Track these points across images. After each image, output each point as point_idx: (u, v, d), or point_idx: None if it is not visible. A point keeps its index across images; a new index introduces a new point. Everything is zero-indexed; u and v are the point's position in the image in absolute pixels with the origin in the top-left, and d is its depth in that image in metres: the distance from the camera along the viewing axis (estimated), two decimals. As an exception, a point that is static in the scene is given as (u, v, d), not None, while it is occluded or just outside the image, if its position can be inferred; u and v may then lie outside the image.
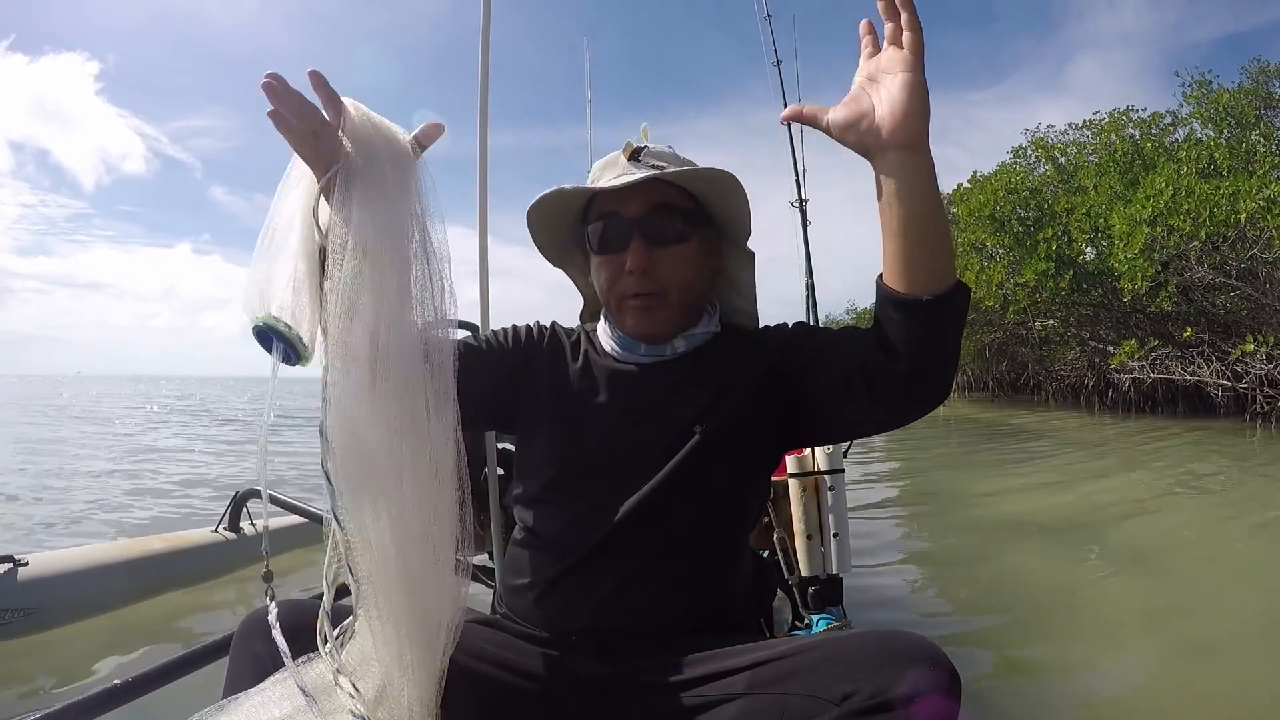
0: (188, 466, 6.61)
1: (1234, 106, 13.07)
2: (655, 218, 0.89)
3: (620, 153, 0.93)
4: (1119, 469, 6.27)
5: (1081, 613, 2.42)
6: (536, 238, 0.98)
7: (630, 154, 0.92)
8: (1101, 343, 15.55)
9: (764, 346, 0.94)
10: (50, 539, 3.50)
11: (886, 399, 0.80)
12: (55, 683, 1.87)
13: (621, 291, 0.90)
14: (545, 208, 0.93)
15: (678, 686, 0.74)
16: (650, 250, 0.89)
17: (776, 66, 3.30)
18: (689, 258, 0.92)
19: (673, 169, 0.90)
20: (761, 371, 0.90)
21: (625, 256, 0.89)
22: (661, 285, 0.90)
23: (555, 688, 0.79)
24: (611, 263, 0.91)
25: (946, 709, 0.62)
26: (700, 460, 0.86)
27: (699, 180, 0.91)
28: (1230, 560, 3.18)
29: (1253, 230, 10.28)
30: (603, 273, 0.92)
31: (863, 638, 0.68)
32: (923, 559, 3.26)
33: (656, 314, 0.91)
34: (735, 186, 0.91)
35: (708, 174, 0.89)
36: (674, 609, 0.84)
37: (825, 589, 1.73)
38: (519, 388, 0.94)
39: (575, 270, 1.05)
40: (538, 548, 0.90)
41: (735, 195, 0.93)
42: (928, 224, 0.73)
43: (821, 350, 0.88)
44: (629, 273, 0.89)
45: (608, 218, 0.91)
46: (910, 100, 0.71)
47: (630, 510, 0.84)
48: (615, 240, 0.90)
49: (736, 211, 0.95)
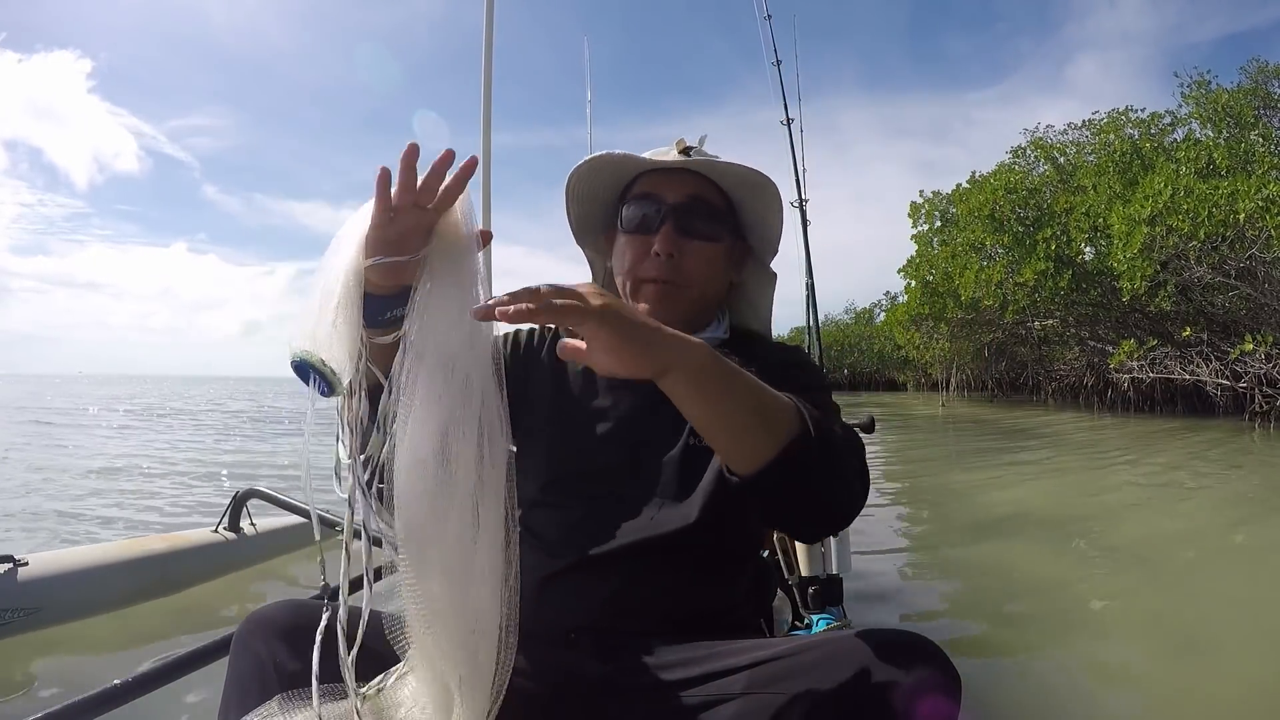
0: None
1: (1233, 107, 13.10)
2: (692, 209, 0.90)
3: (672, 146, 0.94)
4: (1118, 468, 6.28)
5: (1081, 612, 2.42)
6: (571, 207, 0.98)
7: (682, 149, 0.92)
8: (1100, 342, 15.57)
9: (767, 365, 0.93)
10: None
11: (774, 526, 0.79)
12: (55, 683, 1.87)
13: (643, 274, 0.90)
14: (586, 177, 0.94)
15: (677, 686, 0.74)
16: (679, 239, 0.89)
17: (776, 66, 3.32)
18: (714, 258, 0.93)
19: (717, 160, 0.91)
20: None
21: (654, 239, 0.89)
22: (683, 277, 0.90)
23: (554, 687, 0.79)
24: (639, 243, 0.91)
25: (946, 709, 0.62)
26: (700, 463, 0.86)
27: (746, 183, 0.92)
28: (1230, 560, 3.18)
29: (1251, 230, 10.30)
30: (628, 252, 0.92)
31: (863, 638, 0.68)
32: (923, 559, 3.26)
33: (672, 304, 0.91)
34: (776, 197, 0.93)
35: (756, 177, 0.90)
36: (673, 609, 0.84)
37: (825, 589, 1.74)
38: (521, 396, 0.95)
39: (594, 251, 1.05)
40: (537, 548, 0.90)
41: (774, 206, 0.94)
42: (711, 427, 0.66)
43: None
44: (655, 255, 0.89)
45: (646, 198, 0.91)
46: (607, 359, 0.60)
47: (630, 512, 0.84)
48: (648, 221, 0.90)
49: (770, 223, 0.96)
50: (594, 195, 0.97)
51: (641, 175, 0.93)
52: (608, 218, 0.99)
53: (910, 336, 20.28)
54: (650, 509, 0.84)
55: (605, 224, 1.00)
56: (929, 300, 17.46)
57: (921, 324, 18.97)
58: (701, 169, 0.91)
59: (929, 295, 17.42)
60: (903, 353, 24.19)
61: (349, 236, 0.71)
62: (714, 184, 0.92)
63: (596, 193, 0.97)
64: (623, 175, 0.95)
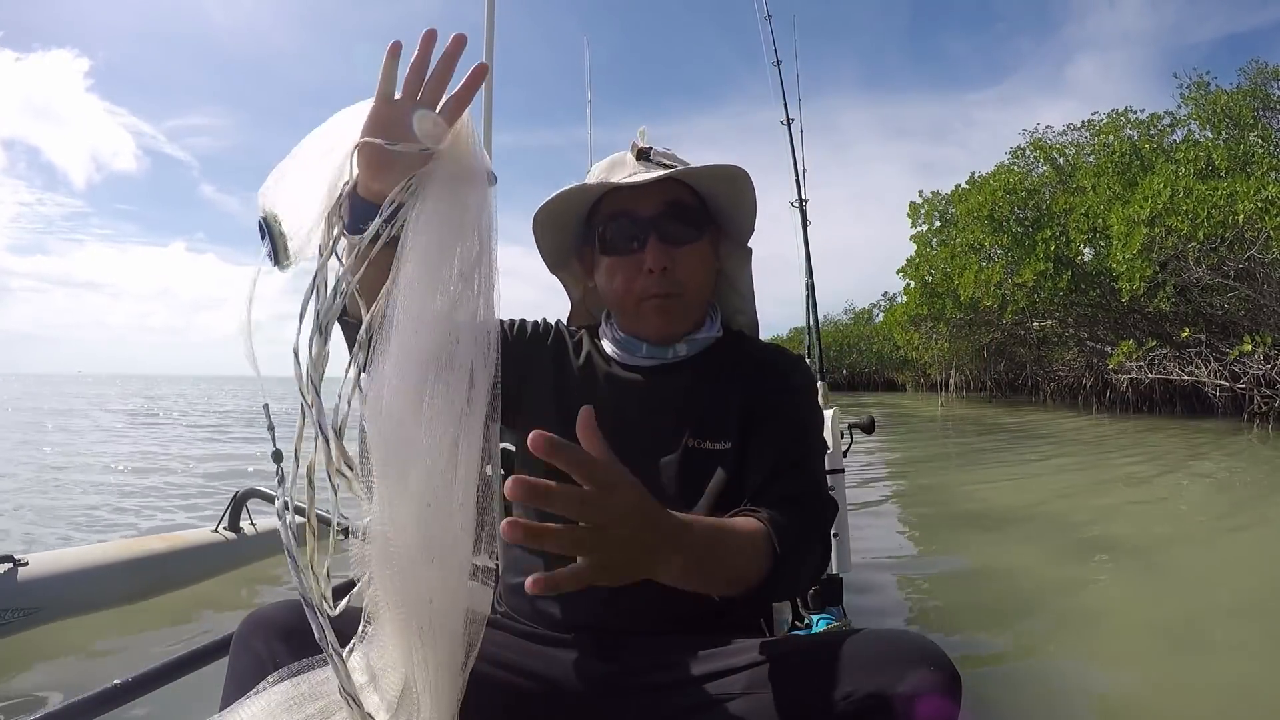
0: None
1: (1232, 108, 13.12)
2: (671, 217, 0.89)
3: (627, 153, 0.93)
4: (1117, 469, 6.28)
5: (1081, 611, 2.42)
6: (541, 241, 0.97)
7: (638, 153, 0.91)
8: (1099, 343, 15.58)
9: (764, 371, 0.93)
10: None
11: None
12: (55, 683, 1.87)
13: (642, 292, 0.89)
14: (553, 210, 0.92)
15: (677, 685, 0.74)
16: (668, 249, 0.89)
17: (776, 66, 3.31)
18: (703, 255, 0.92)
19: (685, 167, 0.89)
20: (754, 391, 0.90)
21: (642, 256, 0.88)
22: (680, 285, 0.90)
23: (554, 686, 0.79)
24: (627, 264, 0.90)
25: (946, 709, 0.62)
26: (700, 464, 0.86)
27: (715, 178, 0.90)
28: (1229, 560, 3.18)
29: (1250, 231, 10.31)
30: (618, 274, 0.90)
31: (862, 637, 0.68)
32: (922, 558, 3.26)
33: (676, 314, 0.91)
34: (748, 184, 0.91)
35: (725, 171, 0.89)
36: (673, 608, 0.84)
37: (825, 589, 1.73)
38: (522, 382, 0.94)
39: (570, 277, 1.04)
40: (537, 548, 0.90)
41: (746, 193, 0.93)
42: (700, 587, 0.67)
43: (763, 454, 0.84)
44: (649, 272, 0.88)
45: (620, 217, 0.90)
46: (599, 574, 0.55)
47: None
48: (630, 240, 0.89)
49: (744, 210, 0.95)
50: (561, 226, 0.96)
51: (607, 193, 0.91)
52: (577, 239, 0.98)
53: (909, 337, 20.28)
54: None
55: (577, 246, 0.99)
56: (928, 301, 17.46)
57: (921, 324, 18.97)
58: (680, 176, 0.89)
59: (928, 296, 17.43)
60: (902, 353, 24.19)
61: (348, 119, 0.69)
62: (679, 180, 0.90)
63: (563, 223, 0.96)
64: (588, 197, 0.93)
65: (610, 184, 0.88)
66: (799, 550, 0.76)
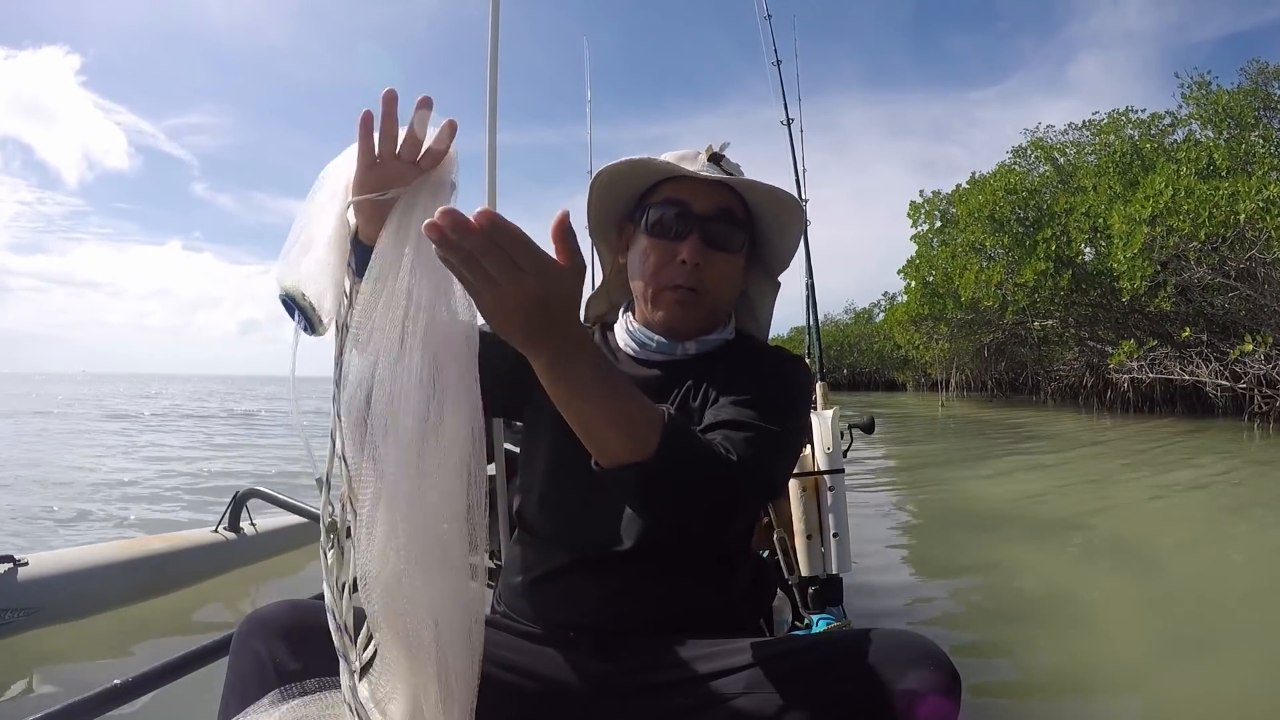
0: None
1: (1233, 108, 13.09)
2: (720, 221, 0.92)
3: (702, 151, 0.95)
4: (1117, 469, 6.28)
5: (1081, 611, 2.42)
6: (594, 200, 0.99)
7: (711, 155, 0.94)
8: (1100, 343, 15.57)
9: (761, 367, 0.94)
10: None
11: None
12: (55, 683, 1.87)
13: (666, 280, 0.91)
14: (616, 175, 0.94)
15: (676, 685, 0.74)
16: (705, 250, 0.91)
17: (776, 66, 3.30)
18: (735, 269, 0.95)
19: (748, 179, 0.92)
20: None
21: (681, 247, 0.90)
22: (705, 285, 0.91)
23: (554, 686, 0.79)
24: (664, 248, 0.92)
25: (946, 709, 0.62)
26: None
27: (772, 198, 0.93)
28: (1228, 559, 3.18)
29: (1251, 231, 10.30)
30: (651, 255, 0.92)
31: (863, 638, 0.68)
32: (923, 558, 3.26)
33: (691, 311, 0.92)
34: (801, 217, 0.95)
35: (783, 195, 0.92)
36: (673, 608, 0.84)
37: (825, 589, 1.73)
38: (526, 380, 0.94)
39: (605, 246, 1.05)
40: (538, 546, 0.90)
41: (795, 224, 0.96)
42: (569, 418, 0.66)
43: (721, 406, 0.83)
44: (681, 263, 0.90)
45: (675, 204, 0.92)
46: (494, 314, 0.59)
47: (630, 511, 0.84)
48: (675, 228, 0.91)
49: (787, 239, 0.98)
50: (619, 192, 0.98)
51: (669, 178, 0.94)
52: (624, 213, 1.00)
53: (910, 337, 20.28)
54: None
55: (621, 218, 1.01)
56: (929, 300, 17.46)
57: (921, 324, 18.97)
58: (738, 187, 0.92)
59: (929, 295, 17.43)
60: (902, 353, 24.19)
61: (336, 174, 0.71)
62: (738, 195, 0.93)
63: (621, 189, 0.97)
64: (650, 176, 0.95)
65: (677, 169, 0.91)
66: (693, 452, 0.68)
